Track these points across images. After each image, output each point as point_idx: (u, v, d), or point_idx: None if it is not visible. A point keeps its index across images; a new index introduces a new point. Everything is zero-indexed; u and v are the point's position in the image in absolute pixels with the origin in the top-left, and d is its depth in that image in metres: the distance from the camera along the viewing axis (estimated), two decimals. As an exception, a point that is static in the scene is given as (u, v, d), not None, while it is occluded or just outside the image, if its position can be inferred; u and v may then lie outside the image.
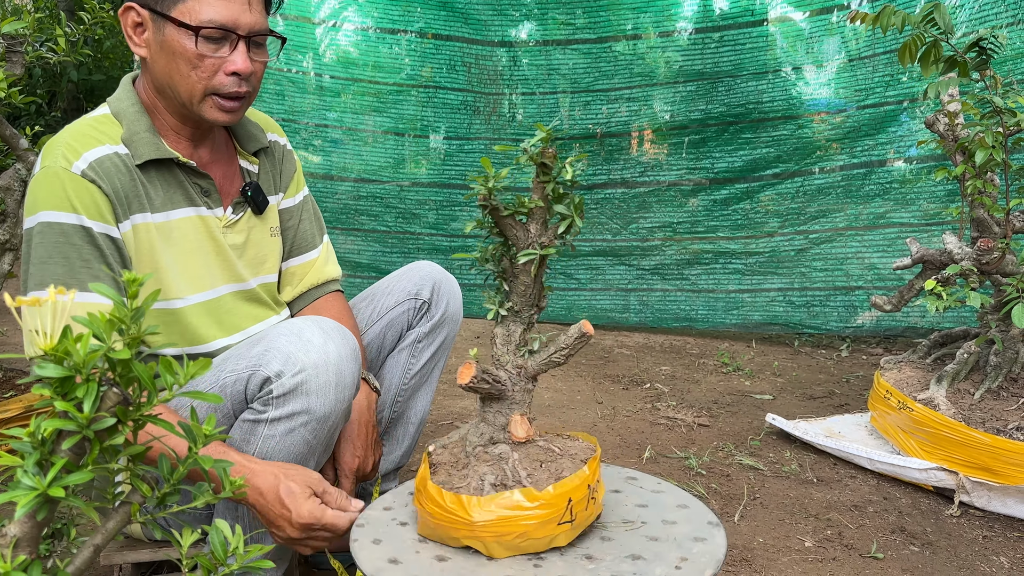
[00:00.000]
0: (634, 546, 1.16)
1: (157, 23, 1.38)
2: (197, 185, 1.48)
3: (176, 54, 1.37)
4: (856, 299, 3.73)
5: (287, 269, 1.71)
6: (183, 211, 1.46)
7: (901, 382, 2.43)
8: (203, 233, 1.49)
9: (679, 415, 2.83)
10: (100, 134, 1.39)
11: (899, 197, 3.61)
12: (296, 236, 1.71)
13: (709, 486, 2.23)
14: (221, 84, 1.40)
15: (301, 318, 1.39)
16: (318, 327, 1.34)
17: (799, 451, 2.49)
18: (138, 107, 1.44)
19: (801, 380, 3.26)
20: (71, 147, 1.35)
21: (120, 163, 1.38)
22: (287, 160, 1.71)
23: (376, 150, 4.16)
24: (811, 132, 3.78)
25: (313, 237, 1.75)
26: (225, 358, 1.38)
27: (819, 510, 2.09)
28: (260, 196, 1.59)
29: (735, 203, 3.92)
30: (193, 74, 1.38)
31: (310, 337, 1.31)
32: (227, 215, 1.53)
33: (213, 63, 1.38)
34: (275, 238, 1.65)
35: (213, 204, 1.50)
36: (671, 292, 4.12)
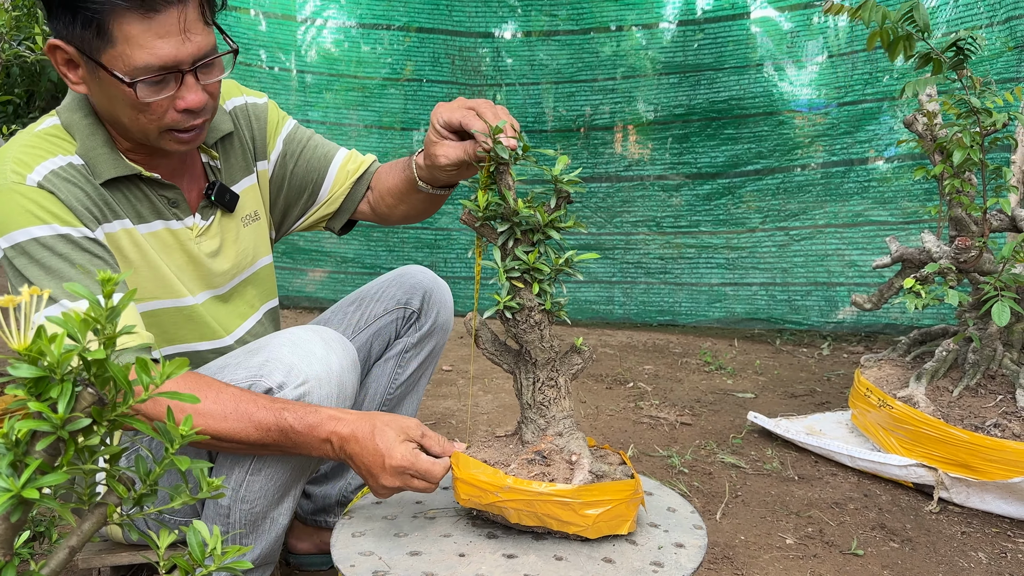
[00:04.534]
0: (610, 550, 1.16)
1: (90, 66, 1.21)
2: (164, 197, 1.38)
3: (116, 98, 1.22)
4: (837, 295, 3.76)
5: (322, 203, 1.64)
6: (151, 225, 1.38)
7: (881, 380, 2.45)
8: (175, 247, 1.41)
9: (662, 414, 2.83)
10: (51, 146, 1.27)
11: (878, 195, 3.64)
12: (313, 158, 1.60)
13: (691, 484, 2.24)
14: (174, 122, 1.26)
15: (301, 327, 1.35)
16: (319, 337, 1.31)
17: (781, 449, 2.50)
18: (91, 119, 1.30)
19: (783, 378, 3.28)
20: (21, 162, 1.23)
21: (78, 174, 1.26)
22: (253, 119, 1.55)
23: (360, 145, 4.14)
24: (792, 129, 3.80)
25: (326, 151, 1.63)
26: (223, 366, 1.34)
27: (800, 507, 2.11)
28: (226, 195, 1.47)
29: (717, 198, 3.93)
30: (141, 117, 1.24)
31: (312, 348, 1.29)
32: (197, 223, 1.43)
33: (161, 104, 1.23)
34: (250, 225, 1.55)
35: (182, 214, 1.41)
36: (655, 285, 4.13)
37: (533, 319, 1.13)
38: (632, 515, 1.16)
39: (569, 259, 1.12)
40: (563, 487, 1.12)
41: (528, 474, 1.14)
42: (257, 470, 1.30)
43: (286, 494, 1.34)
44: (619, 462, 1.25)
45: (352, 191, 1.64)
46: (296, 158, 1.61)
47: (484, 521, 1.23)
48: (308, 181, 1.62)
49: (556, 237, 1.12)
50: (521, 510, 1.13)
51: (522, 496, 1.12)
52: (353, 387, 1.34)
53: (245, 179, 1.55)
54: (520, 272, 1.12)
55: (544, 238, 1.12)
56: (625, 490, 1.14)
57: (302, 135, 1.64)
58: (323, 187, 1.63)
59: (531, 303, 1.13)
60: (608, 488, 1.13)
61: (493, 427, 2.70)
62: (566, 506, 1.11)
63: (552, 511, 1.12)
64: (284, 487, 1.33)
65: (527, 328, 1.14)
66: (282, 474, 1.31)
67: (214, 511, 1.34)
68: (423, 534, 1.20)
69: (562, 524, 1.12)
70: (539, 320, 1.13)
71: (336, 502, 1.77)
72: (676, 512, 1.27)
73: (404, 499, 1.32)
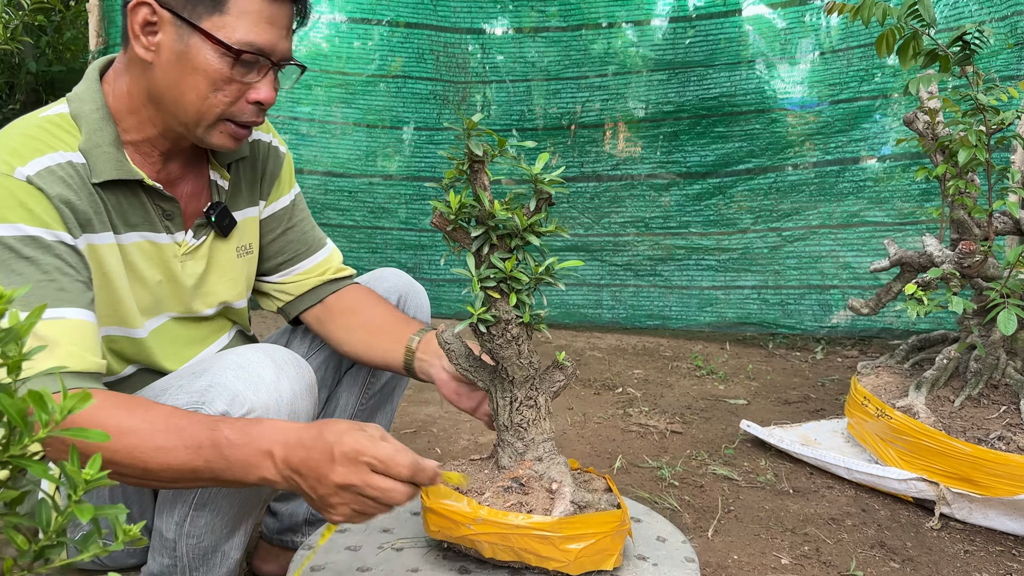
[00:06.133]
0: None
1: (180, 30, 1.16)
2: (159, 208, 1.28)
3: (197, 70, 1.17)
4: (831, 298, 3.67)
5: (291, 277, 1.54)
6: (138, 235, 1.27)
7: (879, 388, 2.36)
8: (156, 262, 1.30)
9: (651, 421, 2.73)
10: (52, 138, 1.18)
11: (873, 196, 3.55)
12: (295, 239, 1.53)
13: (682, 498, 2.13)
14: (240, 111, 1.22)
15: (251, 347, 1.22)
16: (270, 359, 1.18)
17: (774, 459, 2.41)
18: (103, 113, 1.22)
19: (776, 384, 3.18)
20: (15, 152, 1.14)
21: (75, 173, 1.17)
22: (272, 160, 1.49)
23: (344, 143, 4.02)
24: (784, 127, 3.71)
25: (318, 237, 1.57)
26: (165, 388, 1.23)
27: (796, 523, 2.01)
28: (226, 219, 1.38)
29: (708, 198, 3.84)
30: (213, 96, 1.19)
31: (260, 371, 1.16)
32: (187, 240, 1.33)
33: (238, 88, 1.20)
34: (244, 258, 1.46)
35: (174, 228, 1.31)
36: (644, 288, 4.03)
37: (510, 333, 1.02)
38: (618, 549, 1.05)
39: (550, 267, 1.01)
40: (542, 519, 1.01)
41: (504, 504, 1.04)
42: (201, 505, 1.18)
43: (236, 528, 1.23)
44: (604, 488, 1.15)
45: (321, 288, 1.55)
46: (293, 223, 1.54)
47: (456, 554, 1.12)
48: (291, 251, 1.54)
49: (536, 243, 1.01)
50: (496, 544, 1.03)
51: (497, 529, 1.02)
52: (308, 414, 1.21)
53: (248, 209, 1.46)
54: (496, 281, 1.01)
55: (523, 244, 1.02)
56: (610, 522, 1.03)
57: (304, 206, 1.59)
58: (302, 264, 1.54)
59: (508, 315, 1.02)
60: (592, 520, 1.02)
61: (476, 436, 2.59)
62: (545, 540, 1.01)
63: (530, 545, 1.01)
64: (233, 522, 1.22)
65: (503, 343, 1.03)
66: (229, 509, 1.19)
67: (160, 543, 1.23)
68: (389, 568, 1.09)
69: (541, 560, 1.02)
70: (516, 334, 1.02)
71: (304, 520, 1.66)
72: (666, 543, 1.16)
73: (371, 527, 1.21)
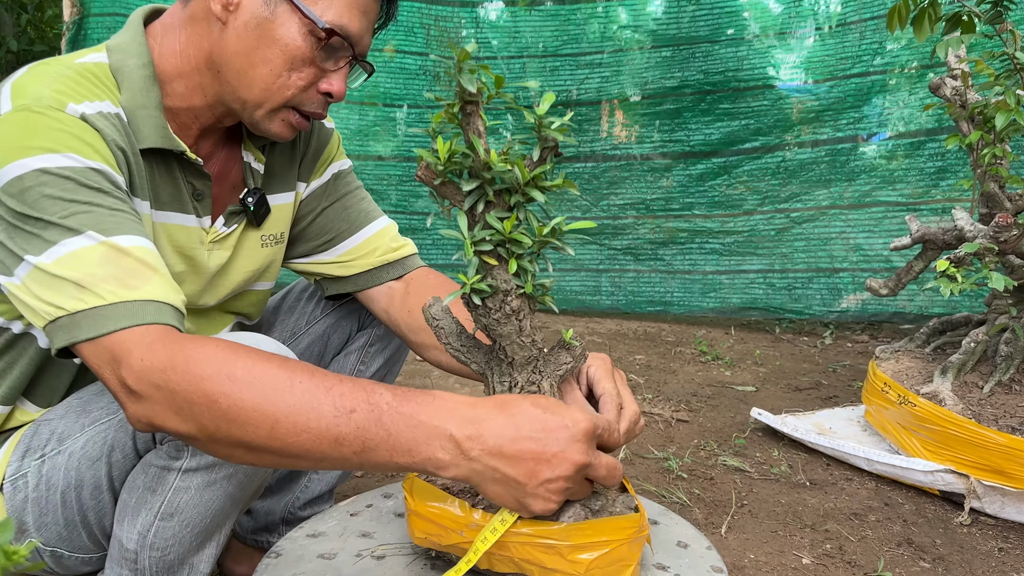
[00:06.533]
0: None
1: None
2: (191, 185, 1.13)
3: (277, 43, 1.05)
4: (840, 282, 3.53)
5: (332, 257, 1.36)
6: (167, 216, 1.12)
7: (900, 373, 2.21)
8: (182, 249, 1.15)
9: (656, 409, 2.58)
10: (96, 88, 1.02)
11: (886, 174, 3.40)
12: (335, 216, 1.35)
13: (691, 492, 1.99)
14: (309, 100, 1.10)
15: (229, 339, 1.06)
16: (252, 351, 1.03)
17: (788, 449, 2.26)
18: (149, 71, 1.07)
19: (785, 370, 3.04)
20: (62, 91, 0.98)
21: (123, 129, 1.03)
22: (317, 136, 1.33)
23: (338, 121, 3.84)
24: (793, 104, 3.55)
25: (365, 211, 1.37)
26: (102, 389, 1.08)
27: (815, 519, 1.86)
28: (264, 208, 1.23)
29: (712, 179, 3.68)
30: (287, 76, 1.07)
31: None
32: (217, 227, 1.18)
33: (314, 73, 1.09)
34: (269, 248, 1.30)
35: (203, 211, 1.16)
36: (645, 273, 3.88)
37: (509, 306, 0.86)
38: (636, 558, 0.90)
39: (557, 228, 0.86)
40: (547, 525, 0.86)
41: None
42: (168, 515, 1.02)
43: (207, 540, 1.08)
44: (618, 487, 0.99)
45: (371, 273, 1.36)
46: (336, 198, 1.36)
47: (446, 564, 0.96)
48: (333, 228, 1.36)
49: (540, 199, 0.85)
50: (493, 554, 0.87)
51: (495, 536, 0.86)
52: None
53: (282, 195, 1.30)
54: (493, 245, 0.85)
55: (524, 200, 0.86)
56: (627, 527, 0.88)
57: (353, 179, 1.40)
58: (345, 243, 1.36)
59: (506, 285, 0.86)
60: (606, 526, 0.87)
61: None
62: (551, 549, 0.85)
63: (533, 556, 0.86)
64: (204, 534, 1.06)
65: (501, 318, 0.87)
66: (201, 520, 1.04)
67: (119, 553, 1.07)
68: (369, 581, 0.94)
69: (546, 572, 0.87)
70: (517, 307, 0.87)
71: (281, 519, 1.50)
72: (689, 549, 1.01)
73: (348, 530, 1.06)
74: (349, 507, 1.12)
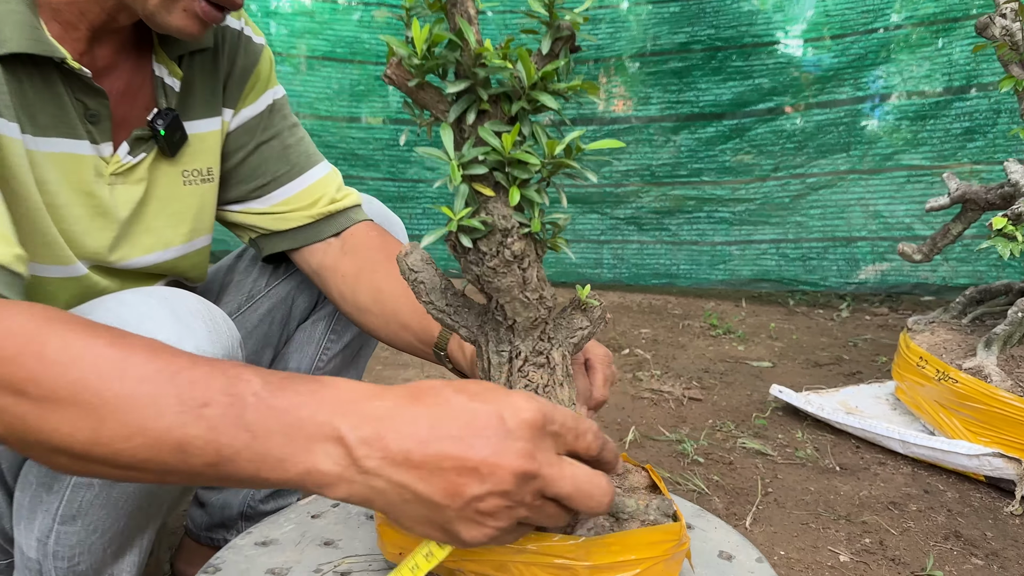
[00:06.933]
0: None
1: None
2: (81, 103, 0.92)
3: None
4: (858, 251, 3.32)
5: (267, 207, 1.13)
6: (51, 142, 0.90)
7: (937, 347, 2.01)
8: (74, 182, 0.93)
9: (665, 387, 2.38)
10: None
11: (910, 136, 3.18)
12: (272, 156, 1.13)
13: (709, 478, 1.79)
14: None
15: (141, 291, 0.83)
16: (168, 310, 0.80)
17: (812, 430, 2.06)
18: None
19: (802, 344, 2.83)
20: None
21: None
22: (244, 53, 1.10)
23: (312, 80, 3.60)
24: (811, 59, 3.31)
25: (306, 153, 1.16)
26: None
27: (849, 509, 1.66)
28: (178, 132, 1.01)
29: (723, 143, 3.45)
30: None
31: (152, 331, 0.77)
32: (120, 156, 0.97)
33: None
34: (195, 187, 1.07)
35: (100, 136, 0.95)
36: (649, 245, 3.66)
37: (509, 250, 0.65)
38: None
39: (574, 145, 0.64)
40: (561, 539, 0.65)
41: (501, 515, 0.67)
42: (70, 518, 0.81)
43: (127, 546, 0.87)
44: (646, 484, 0.79)
45: (312, 227, 1.14)
46: (274, 134, 1.13)
47: (430, 584, 0.76)
48: (270, 171, 1.13)
49: (552, 105, 0.64)
50: (489, 575, 0.67)
51: (491, 554, 0.66)
52: None
53: (206, 121, 1.07)
54: (488, 168, 0.64)
55: (530, 109, 0.64)
56: (664, 541, 0.67)
57: (290, 112, 1.17)
58: (282, 190, 1.13)
59: (506, 223, 0.64)
60: (637, 539, 0.66)
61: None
62: (566, 572, 0.65)
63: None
64: (120, 539, 0.85)
65: (499, 267, 0.66)
66: (112, 523, 0.82)
67: (23, 563, 0.86)
68: (329, 607, 0.73)
69: (558, 600, 0.66)
70: (520, 252, 0.65)
71: (240, 514, 1.30)
72: (734, 561, 0.81)
73: (307, 536, 0.85)
74: (311, 506, 0.91)
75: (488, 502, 0.56)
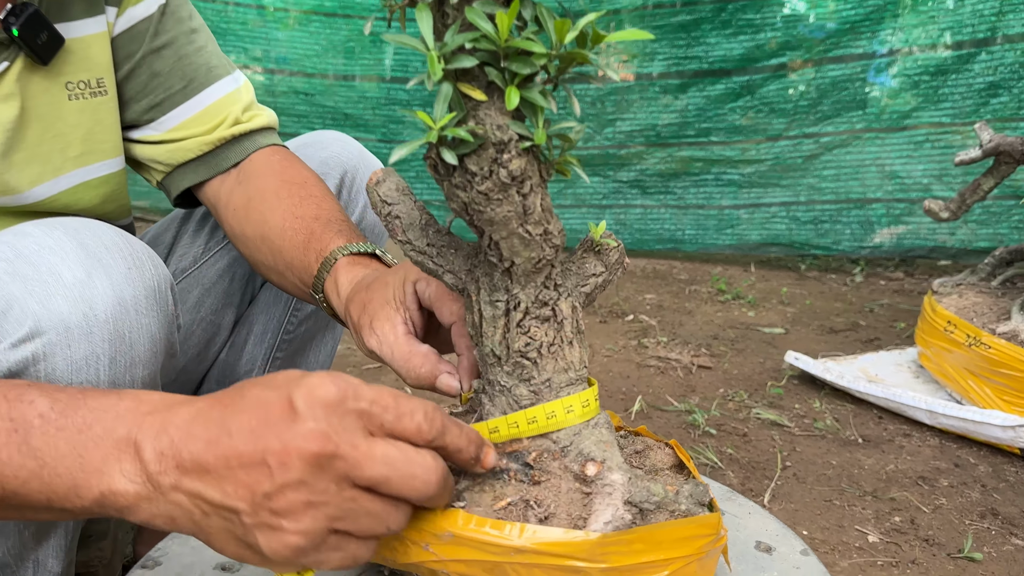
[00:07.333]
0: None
1: None
2: None
3: None
4: (873, 214, 3.17)
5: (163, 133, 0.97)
6: None
7: (966, 310, 1.87)
8: None
9: (672, 354, 2.25)
10: None
11: (929, 92, 3.01)
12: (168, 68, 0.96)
13: (722, 451, 1.66)
14: None
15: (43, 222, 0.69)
16: (76, 243, 0.66)
17: (831, 400, 1.93)
18: None
19: (815, 310, 2.70)
20: None
21: None
22: None
23: (298, 35, 3.42)
24: (826, 11, 3.14)
25: (208, 64, 0.99)
26: None
27: (876, 484, 1.54)
28: (44, 33, 0.84)
29: (732, 100, 3.29)
30: None
31: (55, 263, 0.64)
32: None
33: None
34: (84, 101, 0.91)
35: None
36: (653, 209, 3.52)
37: (506, 170, 0.51)
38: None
39: (588, 33, 0.50)
40: (572, 536, 0.52)
41: (495, 505, 0.55)
42: None
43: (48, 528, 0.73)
44: (670, 463, 0.66)
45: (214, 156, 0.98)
46: (166, 42, 0.96)
47: (410, 586, 0.63)
48: (162, 86, 0.96)
49: (559, -20, 0.49)
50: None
51: (482, 554, 0.52)
52: (153, 341, 0.69)
53: (86, 21, 0.90)
54: (478, 61, 0.49)
55: (531, -16, 0.50)
56: (699, 535, 0.54)
57: (189, 17, 0.99)
58: (179, 111, 0.97)
59: (502, 133, 0.50)
60: (665, 534, 0.53)
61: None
62: (578, 575, 0.52)
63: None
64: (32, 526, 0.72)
65: (493, 191, 0.51)
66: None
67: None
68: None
69: (567, 609, 0.53)
70: (519, 172, 0.51)
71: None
72: (775, 554, 0.68)
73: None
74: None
75: (282, 498, 0.46)
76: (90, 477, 0.49)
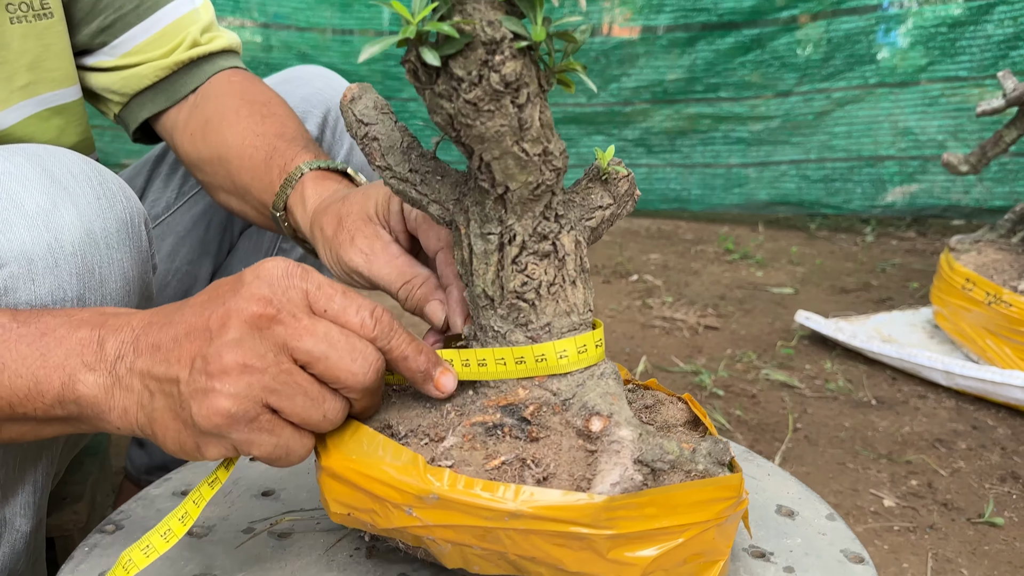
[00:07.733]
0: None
1: None
2: None
3: None
4: (885, 172, 3.08)
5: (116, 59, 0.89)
6: None
7: (986, 267, 1.80)
8: None
9: (678, 314, 2.18)
10: None
11: (946, 45, 2.90)
12: None
13: (731, 413, 1.60)
14: None
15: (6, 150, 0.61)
16: (40, 170, 0.59)
17: (842, 360, 1.87)
18: None
19: (825, 269, 2.63)
20: None
21: None
22: None
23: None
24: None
25: None
26: None
27: (891, 447, 1.48)
28: None
29: (742, 54, 3.17)
30: None
31: (17, 193, 0.57)
32: None
33: None
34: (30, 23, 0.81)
35: None
36: (659, 168, 3.42)
37: (498, 74, 0.43)
38: (727, 549, 0.50)
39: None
40: (575, 498, 0.45)
41: (486, 464, 0.48)
42: None
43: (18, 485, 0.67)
44: (684, 419, 0.59)
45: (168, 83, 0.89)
46: None
47: (393, 552, 0.57)
48: (110, 6, 0.87)
49: None
50: (470, 546, 0.47)
51: (473, 519, 0.46)
52: (123, 274, 0.62)
53: None
54: (463, -56, 0.41)
55: None
56: (718, 498, 0.48)
57: None
58: (129, 35, 0.88)
59: (493, 30, 0.42)
60: (681, 496, 0.46)
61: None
62: (581, 542, 0.45)
63: (547, 552, 0.46)
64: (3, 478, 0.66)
65: (483, 100, 0.44)
66: None
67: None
68: (258, 582, 0.54)
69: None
70: (513, 77, 0.44)
71: (191, 456, 1.11)
72: (797, 519, 0.61)
73: (241, 483, 0.66)
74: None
75: (218, 359, 0.45)
76: (51, 372, 0.50)
